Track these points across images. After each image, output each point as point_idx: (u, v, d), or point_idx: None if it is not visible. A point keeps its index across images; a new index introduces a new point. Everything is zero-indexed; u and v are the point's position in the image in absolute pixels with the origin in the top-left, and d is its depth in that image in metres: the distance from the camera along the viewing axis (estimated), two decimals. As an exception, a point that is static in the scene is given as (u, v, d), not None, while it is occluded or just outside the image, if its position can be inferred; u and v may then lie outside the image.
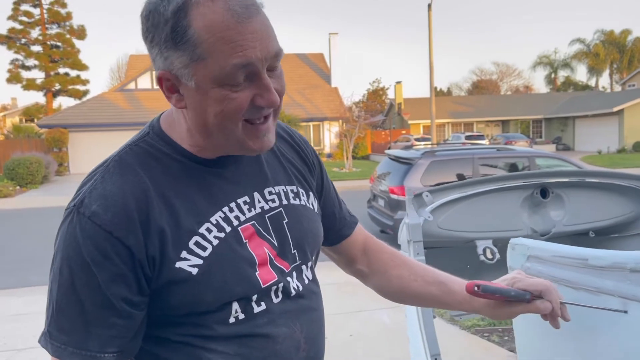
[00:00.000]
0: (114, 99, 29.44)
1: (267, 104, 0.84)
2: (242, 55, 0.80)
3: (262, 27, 0.82)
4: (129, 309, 0.84)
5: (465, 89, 64.44)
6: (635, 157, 25.92)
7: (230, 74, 0.81)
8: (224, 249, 0.88)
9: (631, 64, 46.56)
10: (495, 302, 1.02)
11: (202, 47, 0.80)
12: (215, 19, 0.79)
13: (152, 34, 0.83)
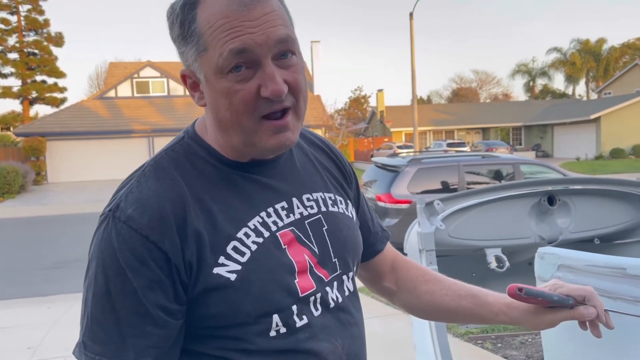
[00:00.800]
0: (93, 107, 29.04)
1: (271, 93, 0.80)
2: (238, 40, 0.78)
3: (265, 13, 0.79)
4: (166, 317, 0.80)
5: (445, 97, 65.20)
6: (613, 163, 26.46)
7: (227, 60, 0.78)
8: (262, 254, 0.85)
9: (607, 73, 47.63)
10: (536, 309, 0.97)
11: (203, 37, 0.80)
12: (216, 10, 0.79)
13: (170, 31, 0.85)
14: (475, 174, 8.72)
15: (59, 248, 9.57)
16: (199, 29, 0.79)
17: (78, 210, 15.79)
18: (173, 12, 0.82)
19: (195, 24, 0.80)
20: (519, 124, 38.29)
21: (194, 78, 0.84)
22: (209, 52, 0.79)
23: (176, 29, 0.82)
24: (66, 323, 5.03)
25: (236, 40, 0.77)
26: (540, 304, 0.95)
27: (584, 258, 1.14)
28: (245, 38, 0.77)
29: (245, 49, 0.77)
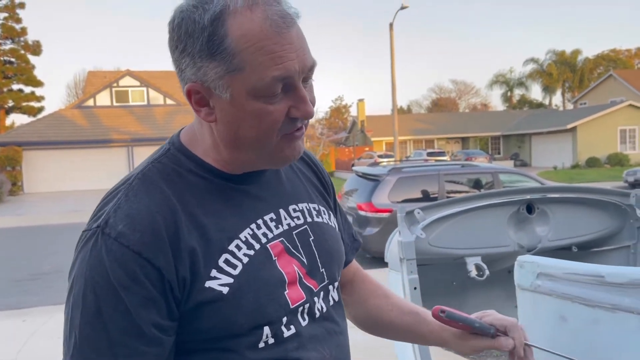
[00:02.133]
0: (71, 116, 28.65)
1: (303, 115, 0.82)
2: (282, 67, 0.77)
3: (298, 38, 0.79)
4: (160, 334, 0.78)
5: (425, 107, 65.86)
6: (589, 172, 26.95)
7: (268, 86, 0.78)
8: (254, 266, 0.84)
9: (582, 83, 48.66)
10: (462, 334, 0.99)
11: (239, 57, 0.76)
12: (253, 28, 0.76)
13: (185, 43, 0.78)
14: (455, 182, 8.81)
15: (35, 259, 9.38)
16: (232, 47, 0.76)
17: (55, 221, 15.51)
18: (194, 23, 0.77)
19: (228, 41, 0.76)
20: (497, 134, 38.84)
21: (205, 94, 0.81)
22: (245, 72, 0.77)
23: (199, 41, 0.77)
24: (43, 336, 4.92)
25: (280, 67, 0.77)
26: (462, 328, 0.97)
27: (563, 266, 1.16)
28: (288, 65, 0.77)
29: (287, 77, 0.78)
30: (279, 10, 0.78)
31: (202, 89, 0.81)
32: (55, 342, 4.79)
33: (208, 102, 0.82)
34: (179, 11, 0.80)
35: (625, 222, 2.42)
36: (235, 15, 0.76)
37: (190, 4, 0.78)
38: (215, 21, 0.76)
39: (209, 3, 0.77)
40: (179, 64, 0.81)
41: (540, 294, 1.18)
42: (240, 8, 0.76)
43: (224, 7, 0.76)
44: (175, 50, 0.81)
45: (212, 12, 0.76)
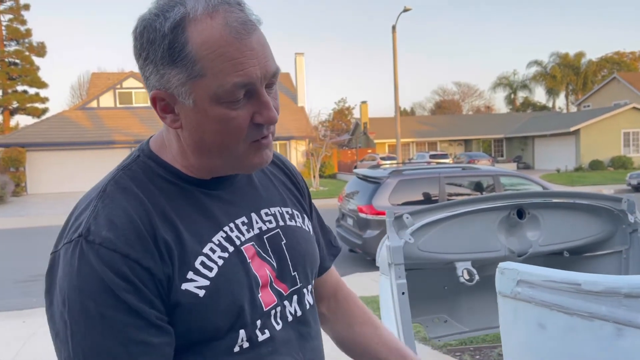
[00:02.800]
0: (75, 118, 28.74)
1: (266, 120, 0.82)
2: (243, 73, 0.78)
3: (259, 44, 0.80)
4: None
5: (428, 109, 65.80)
6: (592, 175, 26.85)
7: (230, 92, 0.78)
8: (229, 268, 0.84)
9: (586, 86, 48.53)
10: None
11: (200, 63, 0.77)
12: (213, 35, 0.77)
13: (147, 51, 0.79)
14: (456, 185, 8.80)
15: (36, 261, 9.39)
16: (193, 54, 0.77)
17: (58, 222, 15.54)
18: (155, 31, 0.78)
19: (189, 47, 0.77)
20: (500, 136, 38.74)
21: (169, 100, 0.82)
22: (207, 79, 0.78)
23: (160, 49, 0.78)
24: (43, 337, 4.94)
25: (241, 73, 0.78)
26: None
27: (541, 274, 1.16)
28: (249, 72, 0.78)
29: (249, 83, 0.79)
30: (240, 17, 0.79)
31: (166, 96, 0.81)
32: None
33: (173, 109, 0.83)
34: (141, 20, 0.80)
35: (618, 228, 2.42)
36: (196, 23, 0.77)
37: (152, 12, 0.79)
38: (175, 29, 0.77)
39: (170, 11, 0.78)
40: (144, 72, 0.82)
41: (520, 301, 1.18)
42: (201, 15, 0.77)
43: (184, 14, 0.77)
44: (139, 58, 0.81)
45: (172, 20, 0.77)
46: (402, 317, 1.91)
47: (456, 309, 2.57)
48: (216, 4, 0.78)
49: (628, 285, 0.97)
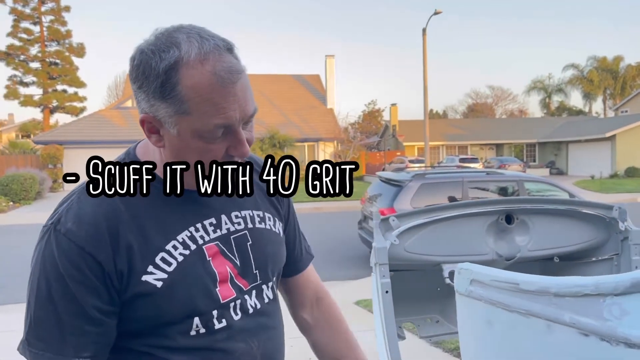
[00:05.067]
0: (110, 117, 29.59)
1: (239, 155, 0.95)
2: (224, 117, 0.90)
3: (242, 91, 0.91)
4: (101, 317, 0.93)
5: (460, 112, 65.03)
6: (628, 182, 26.12)
7: (211, 131, 0.91)
8: (187, 264, 0.97)
9: (624, 90, 47.20)
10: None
11: (187, 104, 0.88)
12: (202, 81, 0.87)
13: (141, 82, 0.91)
14: (480, 189, 8.75)
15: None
16: (183, 94, 0.87)
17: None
18: (150, 68, 0.88)
19: (179, 88, 0.87)
20: (533, 141, 38.03)
21: (155, 124, 0.93)
22: (192, 117, 0.89)
23: (153, 85, 0.88)
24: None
25: (222, 116, 0.89)
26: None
27: (489, 274, 1.25)
28: (230, 115, 0.89)
29: (228, 125, 0.90)
30: (228, 66, 0.89)
31: (153, 120, 0.94)
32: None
33: (158, 131, 0.95)
34: (139, 52, 0.91)
35: (610, 235, 2.45)
36: (187, 67, 0.87)
37: (149, 48, 0.89)
38: (169, 71, 0.87)
39: (166, 52, 0.88)
40: (136, 96, 0.94)
41: (473, 299, 1.28)
42: (193, 61, 0.87)
43: (178, 58, 0.87)
44: (133, 83, 0.93)
45: (167, 61, 0.87)
46: (385, 315, 2.01)
47: (448, 309, 2.64)
48: (208, 51, 0.88)
49: (557, 286, 1.06)
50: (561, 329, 1.04)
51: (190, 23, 0.95)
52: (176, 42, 0.89)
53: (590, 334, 0.98)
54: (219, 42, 0.91)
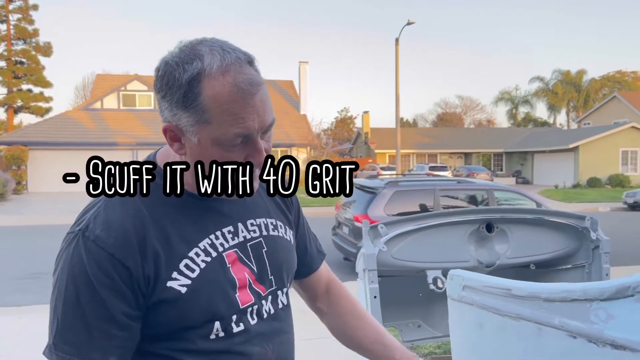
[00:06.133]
0: (78, 118, 28.99)
1: (257, 164, 0.99)
2: (244, 126, 0.94)
3: (261, 102, 0.96)
4: (128, 321, 0.96)
5: (430, 121, 66.07)
6: (589, 192, 26.98)
7: (230, 139, 0.95)
8: (209, 271, 1.01)
9: (587, 103, 48.82)
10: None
11: (209, 113, 0.92)
12: (223, 92, 0.91)
13: (165, 92, 0.94)
14: (451, 197, 8.93)
15: (35, 258, 9.54)
16: (204, 104, 0.91)
17: (57, 221, 15.66)
18: (174, 79, 0.91)
19: (201, 98, 0.91)
20: (500, 150, 38.96)
21: (177, 133, 0.96)
22: (212, 126, 0.92)
23: (176, 95, 0.92)
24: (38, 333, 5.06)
25: (242, 126, 0.92)
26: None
27: (481, 280, 1.33)
28: (249, 125, 0.93)
29: (247, 134, 0.94)
30: (248, 78, 0.93)
31: (175, 129, 0.97)
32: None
33: (180, 139, 0.99)
34: (163, 62, 0.95)
35: (582, 244, 2.58)
36: (209, 79, 0.91)
37: (173, 60, 0.93)
38: (192, 82, 0.91)
39: (189, 63, 0.92)
40: (160, 105, 0.98)
41: (464, 304, 1.35)
42: (215, 72, 0.91)
43: (201, 70, 0.91)
44: (157, 93, 0.97)
45: (190, 73, 0.91)
46: (373, 319, 2.07)
47: (429, 314, 2.73)
48: (229, 63, 0.92)
49: (546, 291, 1.14)
50: (551, 332, 1.12)
51: (212, 37, 0.99)
52: (199, 54, 0.92)
53: (579, 336, 1.06)
54: (240, 54, 0.96)
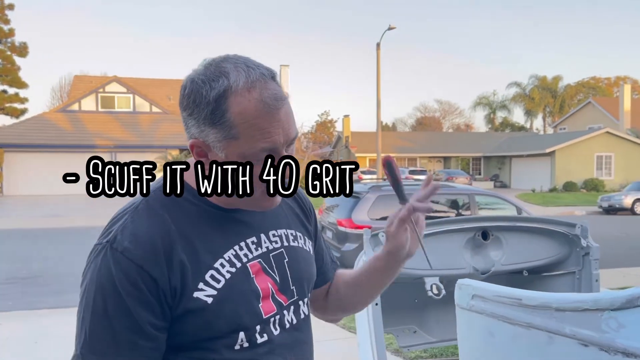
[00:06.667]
0: (54, 120, 28.53)
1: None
2: (270, 141, 0.96)
3: (286, 116, 0.99)
4: (155, 332, 0.97)
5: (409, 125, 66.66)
6: (566, 196, 27.55)
7: (256, 154, 0.97)
8: (235, 281, 1.03)
9: (562, 109, 49.83)
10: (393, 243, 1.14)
11: (236, 129, 0.95)
12: (249, 108, 0.94)
13: (192, 109, 0.96)
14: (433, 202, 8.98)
15: (11, 263, 9.36)
16: (232, 120, 0.93)
17: (33, 224, 15.39)
18: (201, 96, 0.93)
19: (228, 115, 0.93)
20: (479, 155, 39.51)
21: (204, 148, 0.98)
22: (239, 141, 0.94)
23: (204, 112, 0.94)
24: (15, 340, 4.98)
25: (268, 140, 0.95)
26: (391, 181, 1.10)
27: (491, 289, 1.37)
28: (275, 139, 0.95)
29: (273, 148, 0.96)
30: (273, 94, 0.96)
31: (202, 145, 0.99)
32: (28, 347, 4.85)
33: (207, 154, 1.01)
34: (189, 81, 0.97)
35: (572, 250, 2.66)
36: (236, 95, 0.94)
37: (199, 78, 0.95)
38: (219, 99, 0.94)
39: (215, 81, 0.94)
40: (186, 122, 1.00)
41: (474, 313, 1.39)
42: (241, 89, 0.94)
43: (227, 87, 0.93)
44: (184, 110, 0.98)
45: (217, 90, 0.93)
46: (374, 327, 2.10)
47: (425, 320, 2.77)
48: (254, 79, 0.95)
49: (557, 301, 1.18)
50: (562, 340, 1.16)
51: (235, 53, 1.02)
52: (225, 71, 0.95)
53: (590, 344, 1.10)
54: (264, 70, 0.98)
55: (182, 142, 27.75)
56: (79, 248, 8.36)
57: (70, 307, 6.00)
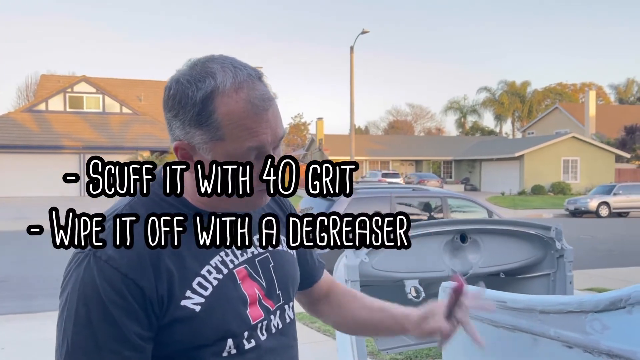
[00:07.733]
0: (21, 120, 27.77)
1: None
2: (257, 140, 0.95)
3: (274, 116, 0.97)
4: (140, 342, 0.94)
5: (382, 128, 67.20)
6: (534, 199, 28.18)
7: (244, 154, 0.95)
8: (222, 288, 1.01)
9: (531, 114, 50.99)
10: (419, 319, 1.18)
11: (223, 130, 0.93)
12: (237, 109, 0.92)
13: (177, 110, 0.94)
14: (406, 205, 9.13)
15: (-24, 268, 9.05)
16: (218, 121, 0.91)
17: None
18: (187, 97, 0.91)
19: (215, 116, 0.91)
20: (449, 158, 40.09)
21: (189, 150, 0.96)
22: (226, 142, 0.92)
23: (190, 113, 0.91)
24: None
25: (255, 139, 0.93)
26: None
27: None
28: (262, 138, 0.93)
29: (261, 147, 0.94)
30: (261, 94, 0.94)
31: (187, 147, 0.97)
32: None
33: (192, 156, 0.98)
34: (174, 81, 0.94)
35: (547, 253, 2.72)
36: (223, 96, 0.91)
37: (185, 78, 0.93)
38: (205, 100, 0.91)
39: (202, 82, 0.91)
40: (170, 124, 0.97)
41: (458, 315, 1.39)
42: (228, 90, 0.92)
43: (214, 88, 0.91)
44: (168, 112, 0.96)
45: (203, 91, 0.91)
46: (355, 330, 2.10)
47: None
48: (242, 80, 0.93)
49: (542, 304, 1.20)
50: (547, 342, 1.18)
51: (220, 54, 1.00)
52: (211, 72, 0.92)
53: (575, 346, 1.12)
54: (251, 71, 0.97)
55: (154, 144, 27.39)
56: (47, 251, 8.11)
57: (39, 311, 5.83)
